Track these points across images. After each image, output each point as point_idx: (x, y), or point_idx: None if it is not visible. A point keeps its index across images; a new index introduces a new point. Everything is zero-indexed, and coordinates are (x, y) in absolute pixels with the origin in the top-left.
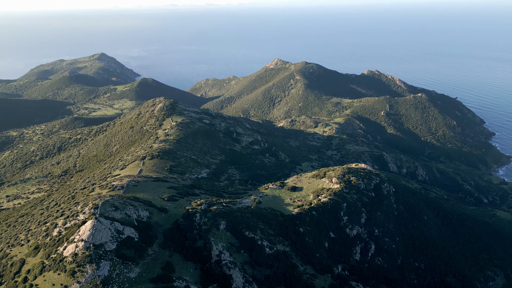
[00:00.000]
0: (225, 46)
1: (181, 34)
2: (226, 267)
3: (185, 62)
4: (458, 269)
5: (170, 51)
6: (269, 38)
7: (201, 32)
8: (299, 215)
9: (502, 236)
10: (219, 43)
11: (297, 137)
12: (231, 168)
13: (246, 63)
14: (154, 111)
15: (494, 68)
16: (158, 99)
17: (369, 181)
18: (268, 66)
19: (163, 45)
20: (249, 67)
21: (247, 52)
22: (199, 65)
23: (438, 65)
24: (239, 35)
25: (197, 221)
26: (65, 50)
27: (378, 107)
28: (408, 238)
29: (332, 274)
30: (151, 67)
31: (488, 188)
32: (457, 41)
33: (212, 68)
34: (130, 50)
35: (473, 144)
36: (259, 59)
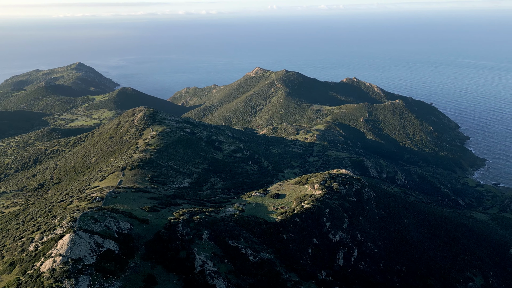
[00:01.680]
0: (206, 55)
1: (160, 43)
2: (210, 277)
3: (166, 71)
4: (439, 271)
5: (150, 60)
6: (250, 47)
7: (181, 41)
8: (282, 222)
9: (480, 237)
10: (200, 52)
11: (279, 144)
12: (213, 176)
13: (227, 71)
14: (134, 120)
15: (468, 75)
16: (138, 109)
17: (350, 187)
18: (249, 74)
19: (142, 54)
20: (230, 75)
21: (228, 60)
22: (180, 74)
23: (413, 72)
24: (219, 44)
25: (180, 231)
26: (41, 60)
27: (357, 113)
28: (389, 241)
29: (316, 280)
30: (130, 76)
31: (465, 191)
32: (432, 49)
33: (193, 77)
34: (108, 59)
35: (449, 148)
36: (240, 68)
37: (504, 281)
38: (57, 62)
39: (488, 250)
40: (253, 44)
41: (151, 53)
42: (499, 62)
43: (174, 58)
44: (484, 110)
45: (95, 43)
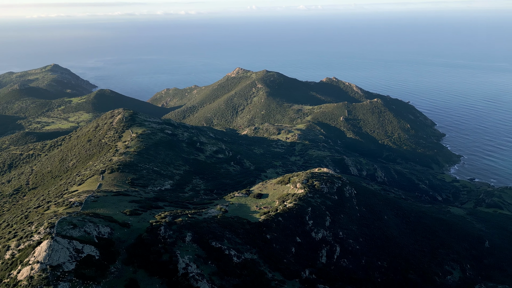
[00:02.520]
0: (185, 56)
1: (139, 44)
2: (194, 280)
3: (145, 72)
4: (418, 265)
5: (128, 61)
6: (230, 48)
7: (160, 42)
8: (265, 222)
9: (457, 231)
10: (179, 53)
11: (261, 144)
12: (195, 178)
13: (208, 72)
14: (113, 123)
15: (442, 74)
16: (117, 111)
17: (331, 185)
18: (229, 75)
19: (120, 55)
20: (211, 76)
21: (208, 61)
22: (159, 75)
23: (390, 71)
24: (199, 44)
25: (162, 234)
26: (14, 62)
27: (337, 112)
28: (370, 238)
29: (300, 279)
30: (108, 78)
31: (442, 187)
32: (407, 49)
33: (173, 77)
34: (85, 60)
35: (426, 145)
36: (220, 68)
37: (481, 273)
38: (32, 64)
39: (465, 243)
40: (233, 44)
41: (130, 54)
42: (471, 60)
43: (153, 59)
44: (458, 107)
45: (71, 44)
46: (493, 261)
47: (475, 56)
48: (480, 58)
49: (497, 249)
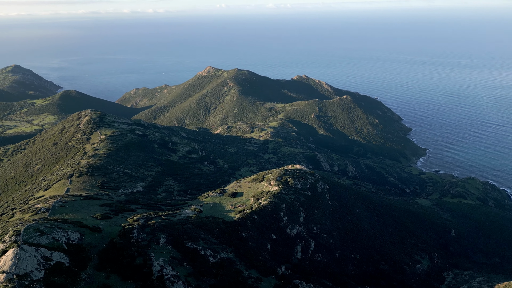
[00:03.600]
0: (155, 55)
1: (105, 43)
2: (169, 282)
3: (112, 72)
4: (389, 256)
5: (94, 61)
6: (200, 46)
7: (128, 41)
8: (240, 221)
9: (424, 222)
10: (148, 52)
11: (234, 143)
12: (168, 179)
13: (178, 71)
14: (80, 125)
15: (408, 70)
16: (84, 112)
17: (305, 181)
18: (200, 73)
19: (86, 54)
20: (181, 75)
21: (178, 60)
22: (128, 74)
23: (358, 68)
24: (168, 43)
25: (135, 237)
26: None
27: (308, 110)
28: (343, 232)
29: (276, 275)
30: (74, 78)
31: (409, 179)
32: (373, 46)
33: (142, 77)
34: (48, 61)
35: (394, 139)
36: (190, 67)
37: (448, 261)
38: None
39: (432, 233)
40: (203, 43)
41: (95, 53)
42: (434, 57)
43: (120, 58)
44: (423, 102)
45: (33, 44)
46: (459, 249)
47: (437, 53)
48: (442, 55)
49: (462, 237)
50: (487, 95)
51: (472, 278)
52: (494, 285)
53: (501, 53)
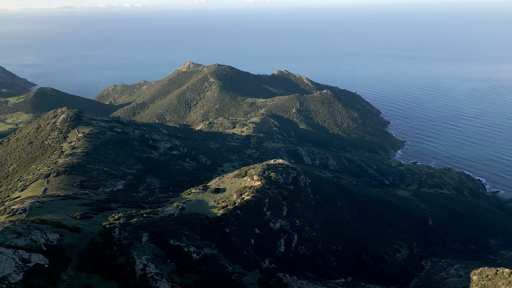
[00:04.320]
0: (133, 51)
1: (81, 39)
2: (152, 280)
3: (89, 69)
4: (370, 246)
5: (69, 57)
6: (179, 41)
7: (104, 36)
8: (224, 216)
9: (403, 212)
10: (126, 48)
11: (216, 139)
12: (149, 176)
13: (157, 67)
14: (56, 123)
15: (385, 64)
16: (60, 110)
17: (287, 175)
18: (180, 69)
19: (60, 51)
20: (161, 71)
21: (157, 55)
22: (105, 71)
23: (337, 63)
24: (147, 38)
25: (116, 236)
26: None
27: (289, 105)
28: (325, 224)
29: (260, 269)
30: (48, 75)
31: (388, 171)
32: (352, 41)
33: (120, 73)
34: (21, 57)
35: (373, 132)
36: (170, 63)
37: (426, 249)
38: None
39: (411, 223)
40: (182, 38)
41: (71, 49)
42: (410, 51)
43: (97, 54)
44: (400, 96)
45: (5, 40)
46: (437, 237)
47: (414, 47)
48: (418, 49)
49: (440, 226)
50: (461, 88)
51: (450, 265)
52: (470, 272)
53: (474, 46)
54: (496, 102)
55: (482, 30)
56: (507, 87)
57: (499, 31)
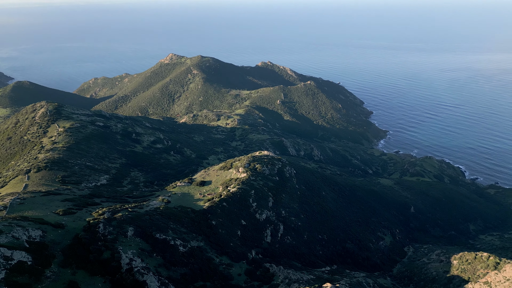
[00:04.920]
0: (113, 42)
1: (59, 31)
2: (139, 274)
3: (68, 61)
4: (354, 234)
5: (47, 50)
6: (160, 33)
7: (83, 28)
8: (210, 209)
9: (386, 200)
10: (105, 39)
11: (201, 131)
12: (133, 171)
13: (138, 59)
14: (35, 117)
15: (367, 55)
16: (39, 104)
17: (272, 167)
18: (163, 61)
19: (38, 43)
20: (142, 63)
21: (138, 47)
22: (85, 63)
23: (320, 54)
24: (127, 30)
25: (101, 231)
26: None
27: (274, 96)
28: (311, 214)
29: (247, 260)
30: (26, 68)
31: (372, 160)
32: (334, 32)
33: (101, 66)
34: None
35: (356, 123)
36: (152, 55)
37: (408, 236)
38: None
39: (393, 210)
40: (163, 30)
41: (49, 41)
42: (392, 42)
43: (76, 46)
44: (382, 86)
45: None
46: (418, 224)
47: (395, 38)
48: (399, 39)
49: (421, 213)
50: (441, 77)
51: (431, 251)
52: (451, 256)
53: (453, 37)
54: (474, 92)
55: (461, 21)
56: (485, 76)
57: (478, 22)
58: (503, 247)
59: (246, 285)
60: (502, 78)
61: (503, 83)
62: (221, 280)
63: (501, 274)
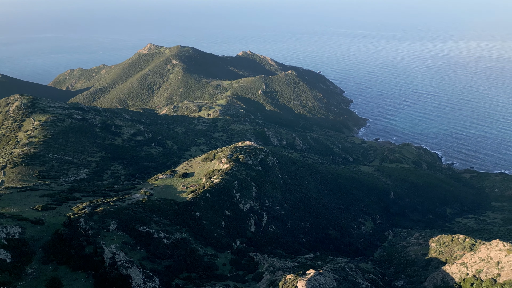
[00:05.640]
0: (88, 32)
1: (31, 21)
2: (123, 268)
3: (42, 53)
4: (336, 221)
5: (19, 41)
6: (138, 23)
7: (56, 18)
8: (193, 200)
9: (366, 187)
10: (81, 30)
11: (182, 123)
12: (114, 164)
13: (116, 49)
14: (9, 111)
15: (346, 43)
16: (12, 97)
17: (255, 157)
18: (141, 51)
19: (9, 34)
20: (120, 53)
21: (115, 37)
22: (60, 54)
23: (300, 43)
24: (103, 19)
25: (82, 226)
26: None
27: (255, 86)
28: (294, 202)
29: (232, 250)
30: None
31: (352, 148)
32: (313, 21)
33: (76, 57)
34: None
35: (337, 111)
36: (129, 45)
37: (388, 221)
38: None
39: (374, 197)
40: (140, 19)
41: (20, 32)
42: (370, 30)
43: (50, 37)
44: (362, 75)
45: None
46: (398, 209)
47: (373, 26)
48: (376, 28)
49: (400, 199)
50: (418, 65)
51: (410, 234)
52: (429, 239)
53: (429, 25)
54: (450, 79)
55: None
56: (461, 63)
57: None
58: (478, 229)
59: (231, 274)
60: (477, 65)
61: (478, 70)
62: (206, 271)
63: (476, 255)
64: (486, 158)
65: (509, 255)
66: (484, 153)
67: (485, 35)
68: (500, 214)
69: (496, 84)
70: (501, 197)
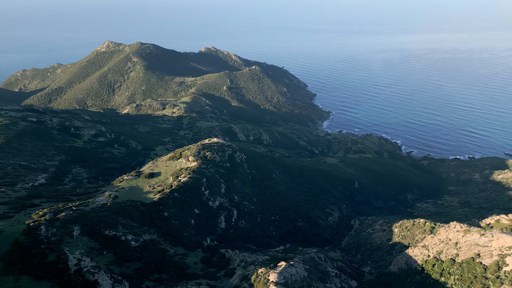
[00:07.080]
0: (40, 30)
1: None
2: (89, 273)
3: None
4: (305, 213)
5: None
6: (93, 19)
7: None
8: (161, 200)
9: (332, 178)
10: (31, 27)
11: (146, 122)
12: (75, 167)
13: (71, 47)
14: None
15: (308, 38)
16: None
17: (223, 153)
18: (99, 49)
19: None
20: (76, 52)
21: (70, 35)
22: (9, 54)
23: (263, 38)
24: (56, 17)
25: (43, 234)
26: None
27: (220, 82)
28: (263, 197)
29: (202, 247)
30: None
31: (317, 141)
32: (274, 16)
33: (28, 56)
34: None
35: (301, 106)
36: (86, 43)
37: (354, 210)
38: None
39: (339, 187)
40: (96, 16)
41: None
42: (330, 25)
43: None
44: (324, 69)
45: None
46: (362, 198)
47: (332, 21)
48: (336, 22)
49: (364, 188)
50: (376, 58)
51: (375, 221)
52: (392, 225)
53: (384, 19)
54: (406, 71)
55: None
56: (416, 56)
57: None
58: (437, 213)
59: (203, 272)
60: (431, 57)
61: (432, 62)
62: (177, 271)
63: (436, 237)
64: (441, 146)
65: (466, 235)
66: (440, 141)
67: (437, 28)
68: (456, 197)
69: (449, 75)
70: (457, 181)
